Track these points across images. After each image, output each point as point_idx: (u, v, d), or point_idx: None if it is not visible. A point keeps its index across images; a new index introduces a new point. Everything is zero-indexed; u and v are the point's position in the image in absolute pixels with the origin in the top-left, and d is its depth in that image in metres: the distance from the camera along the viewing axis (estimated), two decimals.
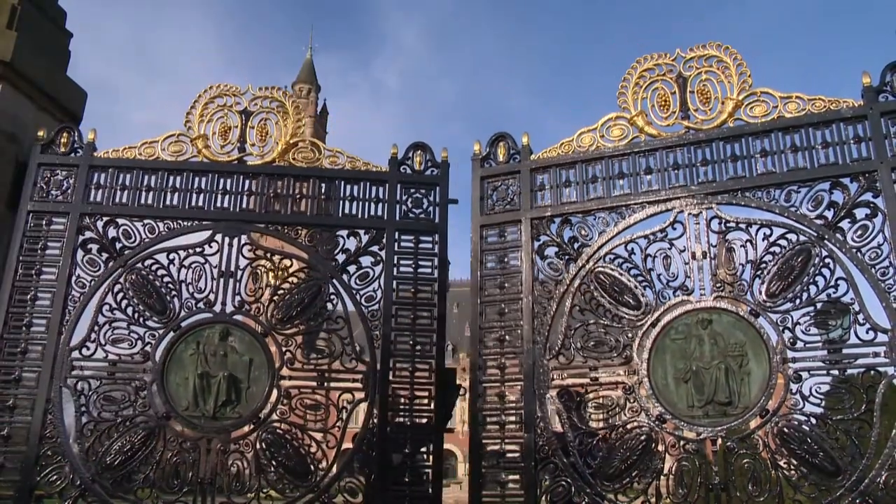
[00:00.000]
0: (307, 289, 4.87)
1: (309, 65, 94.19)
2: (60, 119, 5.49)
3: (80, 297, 4.68)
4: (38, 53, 5.27)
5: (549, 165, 5.13)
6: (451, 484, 66.62)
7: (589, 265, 4.79)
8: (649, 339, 4.57)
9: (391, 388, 4.75)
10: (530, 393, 4.73)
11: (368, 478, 4.64)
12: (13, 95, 5.05)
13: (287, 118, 5.19)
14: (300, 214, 5.07)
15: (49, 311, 4.63)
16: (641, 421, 4.51)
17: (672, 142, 4.90)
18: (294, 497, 4.56)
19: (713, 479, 4.24)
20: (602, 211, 4.93)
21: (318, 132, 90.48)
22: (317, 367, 4.81)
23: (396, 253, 5.01)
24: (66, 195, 4.96)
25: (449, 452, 71.25)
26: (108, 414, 4.53)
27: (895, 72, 4.46)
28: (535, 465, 4.59)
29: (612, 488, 4.43)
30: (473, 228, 5.19)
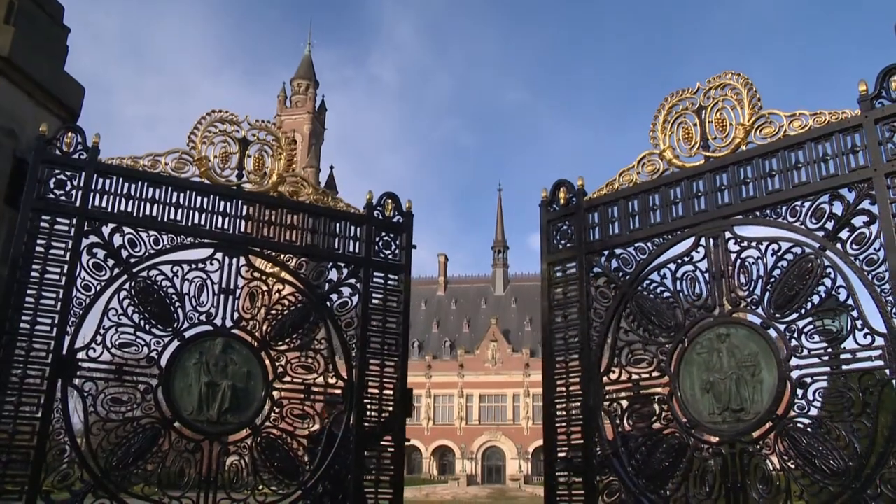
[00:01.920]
0: (297, 312, 5.48)
1: (307, 60, 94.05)
2: (58, 115, 5.47)
3: (86, 299, 4.80)
4: (36, 48, 5.25)
5: (597, 204, 5.72)
6: (450, 480, 66.77)
7: (631, 291, 5.34)
8: (680, 354, 5.04)
9: (364, 402, 5.45)
10: (588, 407, 5.38)
11: (346, 474, 5.29)
12: (10, 91, 5.02)
13: (281, 153, 5.68)
14: (292, 244, 5.63)
15: (54, 310, 4.67)
16: (674, 428, 5.00)
17: (694, 171, 5.25)
18: (285, 494, 5.13)
19: (731, 481, 4.58)
20: (640, 241, 5.42)
21: (316, 128, 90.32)
22: (304, 382, 5.44)
23: (371, 287, 5.77)
24: (70, 196, 4.95)
25: (447, 449, 71.39)
26: (116, 415, 4.77)
27: (888, 77, 4.43)
28: (594, 469, 5.24)
29: (652, 488, 4.94)
30: (542, 265, 5.95)
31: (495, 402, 71.68)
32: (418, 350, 74.95)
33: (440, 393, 72.48)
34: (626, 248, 5.49)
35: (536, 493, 60.91)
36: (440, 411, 72.37)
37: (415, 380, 73.25)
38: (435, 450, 71.08)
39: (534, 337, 74.00)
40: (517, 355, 71.80)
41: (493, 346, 72.40)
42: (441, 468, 71.06)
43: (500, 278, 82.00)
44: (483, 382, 71.66)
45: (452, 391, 72.14)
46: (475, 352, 72.93)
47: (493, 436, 69.99)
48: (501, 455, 69.86)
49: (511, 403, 71.04)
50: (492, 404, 71.70)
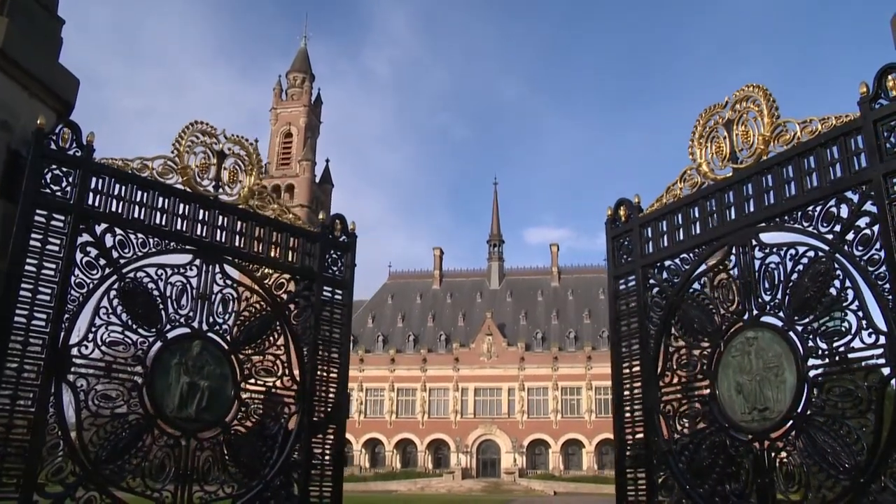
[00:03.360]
0: (262, 319, 5.83)
1: (303, 54, 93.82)
2: (53, 107, 5.43)
3: (79, 297, 4.88)
4: (30, 40, 5.20)
5: (650, 220, 6.12)
6: (445, 473, 66.88)
7: (678, 300, 5.70)
8: (718, 357, 5.33)
9: (314, 403, 5.96)
10: (647, 408, 5.81)
11: (299, 467, 5.79)
12: (4, 82, 4.98)
13: (252, 168, 6.01)
14: (259, 255, 5.97)
15: (50, 305, 4.71)
16: (714, 427, 5.29)
17: (725, 183, 5.50)
18: (249, 486, 5.47)
19: (760, 477, 4.85)
20: (684, 252, 5.76)
21: (311, 121, 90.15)
22: (266, 384, 5.84)
23: (321, 300, 6.21)
24: (65, 193, 4.97)
25: (442, 443, 71.53)
26: (105, 410, 4.92)
27: (885, 77, 4.48)
28: (654, 466, 5.68)
29: (698, 483, 5.27)
30: (609, 279, 6.43)
31: (490, 396, 71.87)
32: (413, 344, 75.08)
33: (435, 387, 72.63)
34: (672, 259, 5.87)
35: (531, 487, 61.18)
36: (435, 405, 72.51)
37: (410, 373, 74.01)
38: (430, 443, 71.25)
39: (528, 331, 74.25)
40: (512, 349, 71.97)
41: (488, 340, 72.55)
42: (436, 462, 71.27)
43: (495, 272, 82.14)
44: (478, 376, 71.82)
45: (447, 385, 72.30)
46: (470, 345, 73.06)
47: (488, 429, 70.21)
48: (496, 449, 70.09)
49: (506, 397, 71.24)
50: (487, 398, 71.88)
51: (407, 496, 50.70)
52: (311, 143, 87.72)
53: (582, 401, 69.83)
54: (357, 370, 73.57)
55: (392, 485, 62.17)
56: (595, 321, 73.92)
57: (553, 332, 73.62)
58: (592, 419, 68.81)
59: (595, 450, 68.15)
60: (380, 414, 72.80)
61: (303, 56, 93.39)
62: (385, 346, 75.12)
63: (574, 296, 77.05)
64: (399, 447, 72.05)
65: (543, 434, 69.27)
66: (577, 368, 70.20)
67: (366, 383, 73.26)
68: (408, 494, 54.44)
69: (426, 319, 77.88)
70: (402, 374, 73.16)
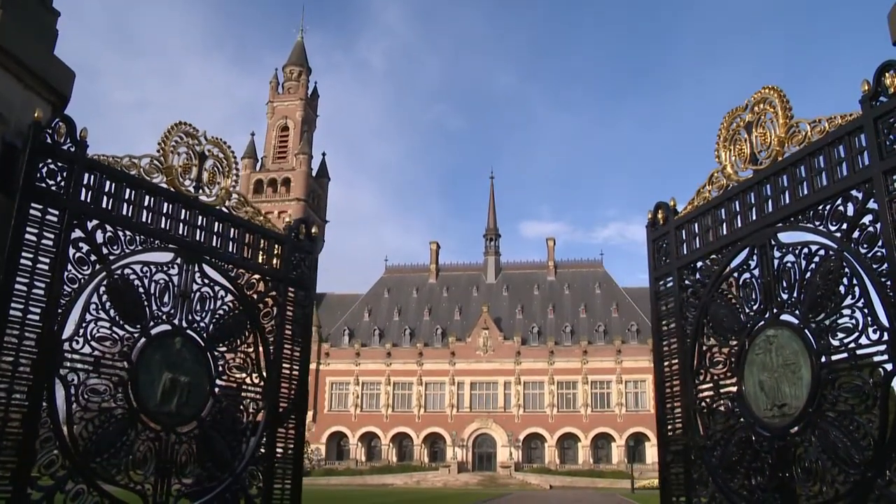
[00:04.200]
0: (234, 317, 6.03)
1: (300, 47, 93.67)
2: (48, 99, 5.39)
3: (71, 292, 4.92)
4: (25, 31, 5.17)
5: (683, 222, 6.30)
6: (441, 467, 67.01)
7: (709, 300, 5.88)
8: (743, 355, 5.47)
9: (279, 399, 6.23)
10: (685, 406, 5.99)
11: (264, 461, 6.02)
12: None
13: (229, 170, 6.16)
14: (233, 255, 6.13)
15: (43, 300, 4.73)
16: (741, 424, 5.44)
17: (746, 185, 5.63)
18: (221, 479, 5.63)
19: (780, 472, 4.98)
20: (713, 253, 5.92)
21: (308, 115, 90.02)
22: (237, 380, 5.97)
23: (287, 300, 6.47)
24: (60, 187, 4.98)
25: (438, 436, 71.67)
26: (93, 405, 4.98)
27: (883, 74, 4.51)
28: (691, 461, 5.86)
29: (728, 478, 5.44)
30: (650, 280, 6.65)
31: (486, 390, 72.04)
32: (410, 338, 75.15)
33: (431, 380, 72.78)
34: (703, 260, 6.04)
35: (527, 481, 61.28)
36: (431, 399, 72.67)
37: (406, 367, 74.14)
38: (426, 437, 71.43)
39: (525, 325, 74.38)
40: (508, 343, 72.12)
41: (484, 334, 72.68)
42: (432, 455, 71.45)
43: (491, 266, 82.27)
44: (474, 370, 71.97)
45: (444, 379, 72.43)
46: (466, 339, 73.20)
47: (484, 423, 70.38)
48: (492, 442, 70.29)
49: (502, 391, 71.42)
50: (483, 392, 72.05)
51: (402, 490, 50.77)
52: (307, 136, 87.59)
53: (578, 395, 70.03)
54: (353, 364, 73.76)
55: (388, 478, 62.29)
56: (591, 315, 74.14)
57: (549, 327, 73.77)
58: (588, 413, 69.06)
59: (591, 444, 68.42)
60: (376, 408, 72.95)
61: (299, 49, 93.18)
62: (381, 339, 75.21)
63: (570, 290, 77.22)
64: (395, 441, 72.22)
65: (539, 428, 69.48)
66: (573, 363, 70.41)
67: (362, 377, 73.43)
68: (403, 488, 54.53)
69: (422, 313, 77.97)
70: (399, 367, 73.26)
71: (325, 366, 74.05)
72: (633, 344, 70.20)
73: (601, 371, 70.05)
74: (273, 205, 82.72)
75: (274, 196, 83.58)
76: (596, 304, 75.66)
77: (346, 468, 68.21)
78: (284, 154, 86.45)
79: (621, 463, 64.63)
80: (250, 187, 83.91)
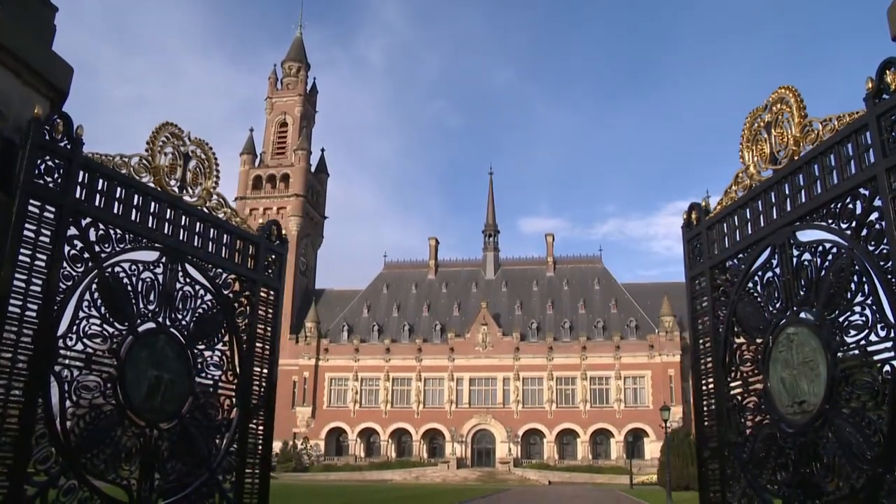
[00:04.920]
0: (212, 316, 6.12)
1: (299, 42, 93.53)
2: (46, 95, 5.38)
3: (65, 289, 4.96)
4: (23, 27, 5.15)
5: (714, 222, 6.43)
6: (440, 463, 67.11)
7: (736, 298, 5.99)
8: (768, 353, 5.55)
9: (251, 396, 6.43)
10: (719, 403, 6.12)
11: (237, 457, 6.22)
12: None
13: (210, 171, 6.27)
14: (212, 255, 6.23)
15: (40, 296, 4.75)
16: (767, 420, 5.53)
17: (767, 184, 5.71)
18: (199, 474, 5.77)
19: (802, 468, 5.05)
20: (740, 253, 6.02)
21: (307, 111, 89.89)
22: (213, 377, 6.11)
23: (259, 300, 6.66)
24: (57, 184, 4.98)
25: (437, 432, 71.75)
26: (84, 401, 5.03)
27: (885, 71, 4.51)
28: (725, 457, 5.99)
29: (758, 473, 5.54)
30: (686, 280, 6.78)
31: (485, 386, 72.12)
32: (409, 334, 75.20)
33: (430, 376, 72.84)
34: (731, 259, 6.16)
35: (525, 476, 61.39)
36: (430, 395, 72.74)
37: (405, 363, 74.12)
38: (425, 433, 71.52)
39: (523, 321, 74.43)
40: (507, 339, 72.18)
41: (483, 330, 72.73)
42: (431, 451, 71.56)
43: (490, 262, 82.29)
44: (473, 366, 72.05)
45: (443, 374, 72.49)
46: (465, 335, 73.24)
47: (482, 419, 70.48)
48: (491, 438, 70.39)
49: (501, 387, 71.49)
50: (482, 388, 72.14)
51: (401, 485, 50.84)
52: (306, 132, 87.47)
53: (577, 391, 70.13)
54: (352, 360, 73.80)
55: (387, 474, 62.40)
56: (590, 311, 74.20)
57: (548, 322, 73.84)
58: (587, 409, 69.16)
59: (589, 439, 68.52)
60: (375, 403, 73.00)
61: (298, 45, 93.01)
62: (380, 335, 75.23)
63: (569, 286, 77.25)
64: (394, 437, 72.31)
65: (538, 424, 69.57)
66: (571, 358, 70.48)
67: (361, 373, 73.46)
68: (402, 483, 54.61)
69: (421, 309, 78.01)
70: (398, 363, 73.30)
71: (325, 362, 74.11)
72: (632, 340, 70.30)
73: (600, 367, 70.13)
74: (272, 201, 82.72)
75: (273, 192, 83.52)
76: (595, 300, 75.71)
77: (346, 464, 68.30)
78: (283, 150, 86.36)
79: (620, 459, 64.73)
80: (249, 183, 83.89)
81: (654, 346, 69.14)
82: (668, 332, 68.81)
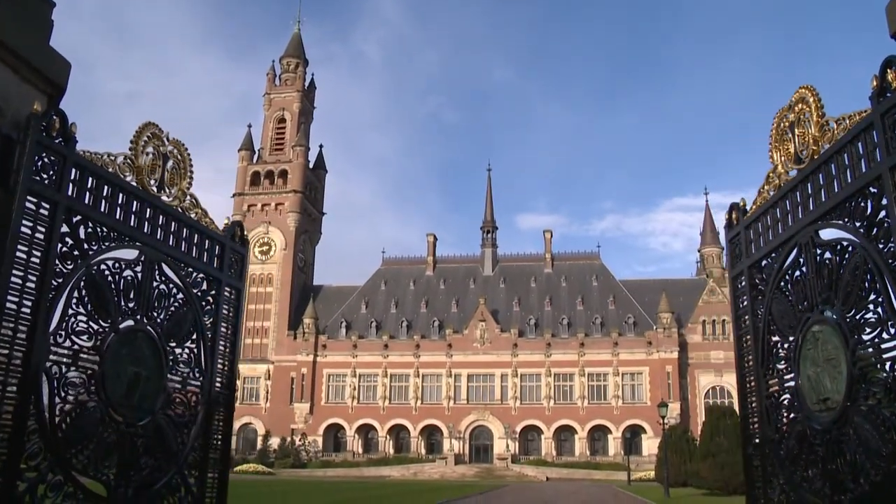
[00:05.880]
0: (183, 314, 6.30)
1: (297, 39, 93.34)
2: (44, 90, 5.35)
3: (57, 286, 4.98)
4: (20, 22, 5.12)
5: (750, 222, 6.57)
6: (438, 459, 67.18)
7: (770, 297, 6.10)
8: (798, 350, 5.62)
9: (213, 393, 6.62)
10: (760, 400, 6.25)
11: (200, 453, 6.39)
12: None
13: (185, 172, 6.51)
14: (185, 253, 6.41)
15: (35, 294, 4.76)
16: (799, 417, 5.61)
17: (792, 184, 5.80)
18: (167, 470, 5.92)
19: (829, 465, 5.13)
20: (773, 252, 6.13)
21: (305, 107, 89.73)
22: (182, 374, 6.27)
23: (223, 299, 6.83)
24: (52, 181, 4.99)
25: (435, 428, 71.79)
26: (71, 397, 5.11)
27: (887, 70, 4.53)
28: (766, 454, 6.12)
29: (793, 470, 5.64)
30: (729, 279, 6.98)
31: (483, 382, 72.16)
32: (407, 330, 75.21)
33: (428, 373, 72.86)
34: (766, 259, 6.28)
35: (523, 472, 61.48)
36: (428, 391, 72.76)
37: (403, 359, 74.15)
38: (423, 429, 71.57)
39: (521, 317, 74.46)
40: (505, 335, 72.20)
41: (481, 326, 72.75)
42: (429, 447, 71.62)
43: (488, 258, 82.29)
44: (471, 362, 72.07)
45: (440, 371, 72.52)
46: (463, 332, 73.26)
47: (480, 415, 70.52)
48: (489, 434, 70.45)
49: (499, 383, 71.53)
50: (480, 384, 72.17)
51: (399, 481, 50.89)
52: (304, 128, 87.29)
53: (574, 387, 70.19)
54: (350, 356, 73.81)
55: (385, 470, 62.47)
56: (588, 308, 74.25)
57: (546, 319, 73.87)
58: (585, 405, 69.23)
59: (587, 436, 68.62)
60: (373, 400, 73.02)
61: (296, 41, 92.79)
62: (378, 331, 75.23)
63: (567, 282, 77.29)
64: (392, 433, 72.35)
65: (536, 420, 69.64)
66: (569, 355, 70.53)
67: (359, 369, 73.47)
68: (400, 480, 54.67)
69: (419, 305, 78.01)
70: (396, 360, 73.32)
71: (323, 358, 74.11)
72: (630, 336, 70.36)
73: (598, 363, 70.18)
74: (270, 197, 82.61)
75: (271, 188, 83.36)
76: (593, 296, 75.76)
77: (344, 460, 68.34)
78: (282, 146, 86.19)
79: (618, 455, 64.82)
80: (247, 179, 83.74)
81: (652, 343, 69.19)
82: (665, 329, 68.85)
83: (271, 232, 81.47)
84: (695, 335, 70.13)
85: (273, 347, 77.24)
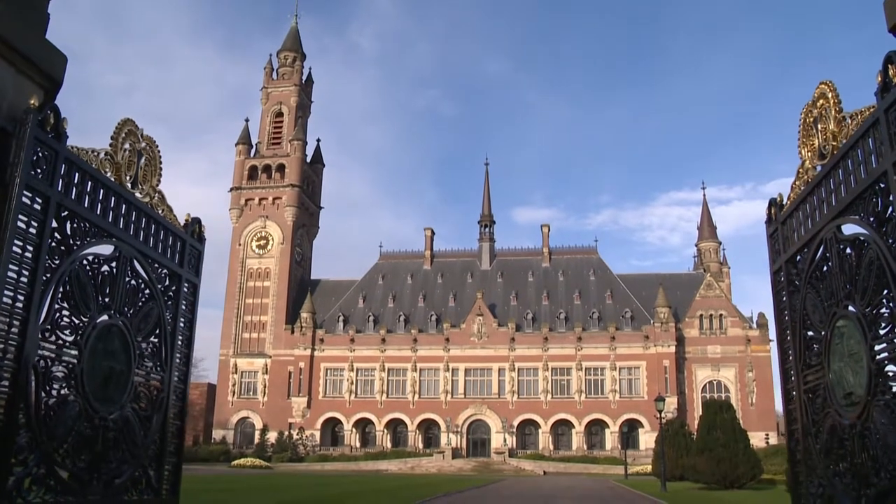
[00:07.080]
0: (150, 310, 6.46)
1: (294, 32, 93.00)
2: (40, 84, 5.33)
3: (46, 281, 5.02)
4: (16, 15, 5.10)
5: (785, 218, 6.65)
6: (435, 453, 67.22)
7: (804, 291, 6.14)
8: (827, 344, 5.67)
9: (173, 385, 6.85)
10: (798, 395, 6.33)
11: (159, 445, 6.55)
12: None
13: (156, 169, 6.66)
14: (153, 249, 6.57)
15: (26, 288, 4.78)
16: (829, 411, 5.67)
17: (817, 179, 5.85)
18: (132, 462, 6.02)
19: (856, 458, 5.18)
20: (804, 247, 6.17)
21: (303, 101, 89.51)
22: (147, 368, 6.40)
23: (182, 294, 7.03)
24: (46, 177, 5.00)
25: (432, 422, 71.85)
26: (54, 391, 5.15)
27: (888, 65, 4.52)
28: (807, 447, 6.16)
29: (826, 463, 5.71)
30: (770, 274, 7.04)
31: (481, 376, 72.18)
32: (404, 324, 75.21)
33: (426, 367, 72.88)
34: (799, 254, 6.33)
35: (521, 467, 61.54)
36: (426, 385, 72.79)
37: (401, 353, 74.12)
38: (420, 423, 71.62)
39: (519, 311, 74.48)
40: (503, 329, 72.21)
41: (478, 321, 72.74)
42: (426, 441, 71.70)
43: (486, 253, 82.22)
44: (469, 356, 72.10)
45: (438, 365, 72.54)
46: (461, 326, 73.25)
47: (478, 409, 70.57)
48: (486, 428, 70.53)
49: (496, 377, 71.58)
50: (477, 378, 72.19)
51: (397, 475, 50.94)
52: (301, 122, 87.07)
53: (572, 381, 70.28)
54: (348, 350, 73.83)
55: (382, 464, 62.51)
56: (585, 302, 74.28)
57: (543, 313, 73.90)
58: (582, 400, 69.32)
59: (584, 430, 68.74)
60: (370, 394, 73.04)
61: (294, 35, 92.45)
62: (376, 326, 75.20)
63: (564, 277, 77.31)
64: (390, 427, 72.40)
65: (533, 414, 69.73)
66: (567, 349, 70.59)
67: (356, 363, 73.48)
68: (398, 473, 54.71)
69: (417, 300, 77.98)
70: (393, 354, 73.34)
71: (320, 352, 74.11)
72: (627, 331, 70.43)
73: (595, 357, 70.26)
74: (267, 191, 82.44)
75: (268, 182, 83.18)
76: (590, 290, 75.79)
77: (341, 454, 68.41)
78: (279, 140, 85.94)
79: (615, 449, 65.00)
80: (244, 173, 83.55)
81: (650, 337, 69.28)
82: (663, 323, 68.91)
83: (269, 226, 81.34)
84: (692, 329, 70.23)
85: (270, 342, 77.23)
